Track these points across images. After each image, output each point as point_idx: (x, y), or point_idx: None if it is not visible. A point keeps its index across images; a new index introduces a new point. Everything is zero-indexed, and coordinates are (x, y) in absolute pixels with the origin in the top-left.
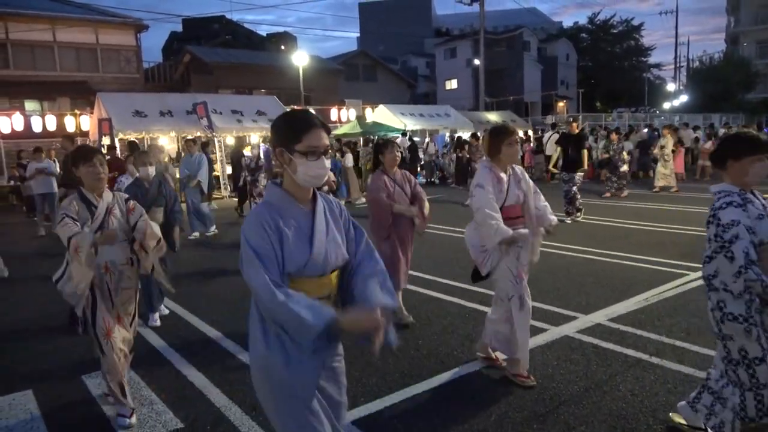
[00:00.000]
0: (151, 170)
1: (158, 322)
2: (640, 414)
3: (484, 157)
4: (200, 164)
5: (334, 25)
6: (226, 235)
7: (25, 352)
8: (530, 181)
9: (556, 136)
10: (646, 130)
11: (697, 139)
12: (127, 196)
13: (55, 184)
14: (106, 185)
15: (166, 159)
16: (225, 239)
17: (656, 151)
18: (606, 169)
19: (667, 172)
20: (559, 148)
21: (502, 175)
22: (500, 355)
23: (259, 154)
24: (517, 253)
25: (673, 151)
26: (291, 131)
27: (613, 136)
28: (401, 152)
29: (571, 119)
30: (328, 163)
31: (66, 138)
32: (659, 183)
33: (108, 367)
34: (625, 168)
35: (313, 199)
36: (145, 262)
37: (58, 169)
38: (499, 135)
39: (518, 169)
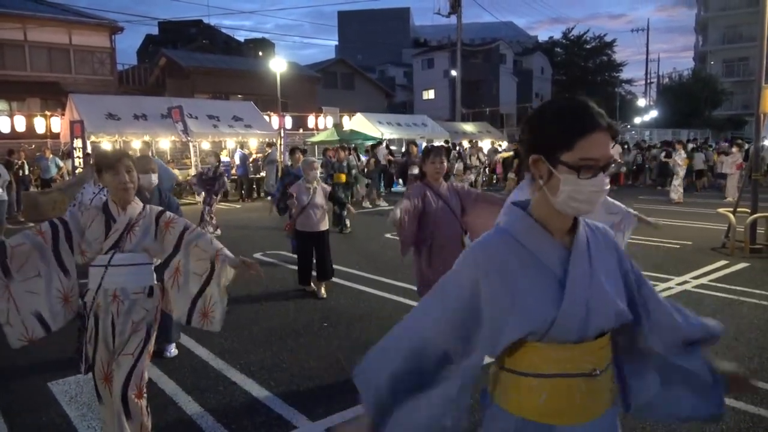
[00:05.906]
0: (154, 178)
1: (174, 352)
2: None
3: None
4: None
5: (312, 32)
6: None
7: None
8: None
9: None
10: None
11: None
12: (160, 209)
13: (1, 190)
14: (135, 197)
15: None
16: None
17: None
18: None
19: None
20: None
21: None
22: None
23: (219, 163)
24: None
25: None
26: (559, 131)
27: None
28: (449, 160)
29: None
30: (607, 180)
31: None
32: None
33: (105, 418)
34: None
35: (572, 228)
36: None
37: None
38: None
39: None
